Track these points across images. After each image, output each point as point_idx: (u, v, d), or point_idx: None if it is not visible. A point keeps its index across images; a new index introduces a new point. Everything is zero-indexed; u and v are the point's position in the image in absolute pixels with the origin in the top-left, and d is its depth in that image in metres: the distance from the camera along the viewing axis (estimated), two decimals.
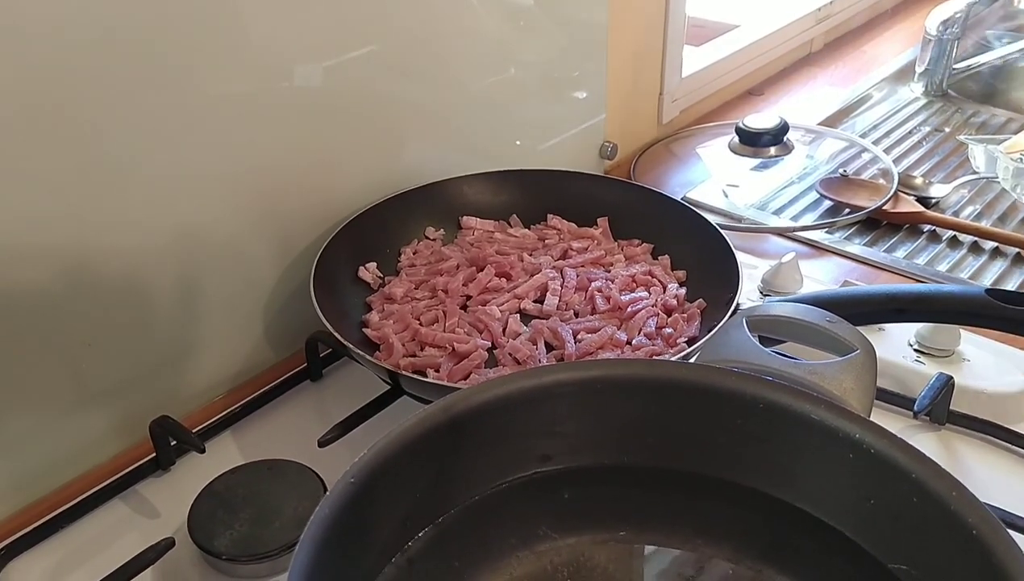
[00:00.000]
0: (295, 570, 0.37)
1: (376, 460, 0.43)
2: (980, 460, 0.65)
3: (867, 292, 0.62)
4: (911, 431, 0.67)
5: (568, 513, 0.50)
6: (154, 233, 0.64)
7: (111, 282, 0.63)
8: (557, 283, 0.72)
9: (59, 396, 0.63)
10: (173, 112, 0.62)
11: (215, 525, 0.58)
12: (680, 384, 0.48)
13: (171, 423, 0.64)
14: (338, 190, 0.76)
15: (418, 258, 0.76)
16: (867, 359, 0.49)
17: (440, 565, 0.46)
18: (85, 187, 0.59)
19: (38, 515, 0.61)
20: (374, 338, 0.68)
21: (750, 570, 0.47)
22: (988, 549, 0.39)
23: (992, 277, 0.87)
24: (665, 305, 0.70)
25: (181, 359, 0.69)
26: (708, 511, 0.50)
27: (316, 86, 0.71)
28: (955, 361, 0.71)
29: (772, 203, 0.99)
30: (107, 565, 0.55)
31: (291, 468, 0.62)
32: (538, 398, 0.49)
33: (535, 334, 0.67)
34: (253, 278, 0.73)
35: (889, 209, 0.95)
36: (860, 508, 0.45)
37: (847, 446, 0.45)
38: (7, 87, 0.54)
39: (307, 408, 0.71)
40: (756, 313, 0.53)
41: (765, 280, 0.81)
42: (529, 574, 0.47)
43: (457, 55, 0.82)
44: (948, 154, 1.10)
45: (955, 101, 1.23)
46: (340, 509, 0.41)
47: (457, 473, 0.48)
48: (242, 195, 0.69)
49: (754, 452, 0.48)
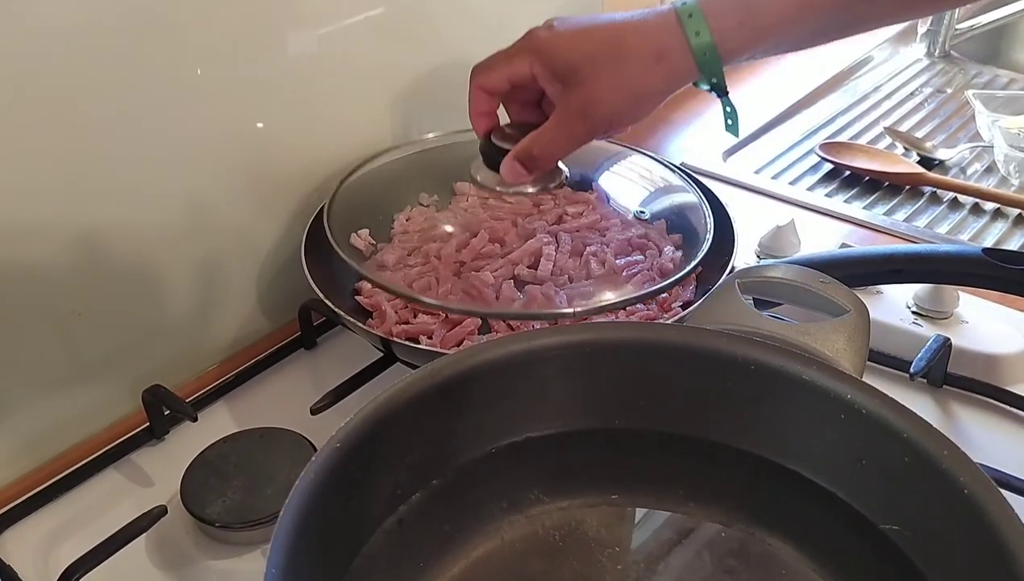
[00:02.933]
0: (279, 534, 0.37)
1: (363, 425, 0.43)
2: (977, 422, 0.65)
3: (863, 253, 0.62)
4: (908, 393, 0.67)
5: (559, 477, 0.49)
6: (145, 203, 0.64)
7: (103, 253, 0.62)
8: (551, 248, 0.71)
9: (52, 366, 0.63)
10: (163, 81, 0.62)
11: (208, 493, 0.58)
12: (670, 346, 0.48)
13: (164, 392, 0.64)
14: (330, 157, 0.75)
15: (411, 225, 0.76)
16: (860, 320, 0.49)
17: (431, 529, 0.46)
18: (75, 157, 0.59)
19: (33, 485, 0.61)
20: (367, 305, 0.68)
21: (742, 532, 0.47)
22: (980, 508, 0.39)
23: (993, 239, 0.86)
24: (660, 269, 0.70)
25: (174, 328, 0.69)
26: (699, 474, 0.50)
27: (310, 52, 0.70)
28: (953, 323, 0.70)
29: (771, 167, 0.98)
30: (101, 533, 0.55)
31: (284, 436, 0.62)
32: (528, 362, 0.48)
33: (529, 300, 0.67)
34: (246, 246, 0.72)
35: (889, 171, 0.94)
36: (852, 469, 0.45)
37: (838, 406, 0.44)
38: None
39: (301, 376, 0.71)
40: (748, 275, 0.52)
41: (763, 244, 0.80)
42: (520, 538, 0.47)
43: (452, 21, 0.81)
44: (950, 115, 1.08)
45: (958, 62, 1.21)
46: (326, 473, 0.41)
47: (447, 437, 0.48)
48: (234, 163, 0.69)
49: (746, 414, 0.48)
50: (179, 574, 0.56)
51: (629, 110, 0.56)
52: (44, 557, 0.57)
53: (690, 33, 0.53)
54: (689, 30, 0.53)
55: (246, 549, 0.57)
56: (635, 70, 0.54)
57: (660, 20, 0.54)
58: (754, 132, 1.03)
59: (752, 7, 0.52)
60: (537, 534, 0.47)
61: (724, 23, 0.52)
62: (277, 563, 0.36)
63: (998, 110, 1.01)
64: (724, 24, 0.52)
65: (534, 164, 0.57)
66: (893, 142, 1.01)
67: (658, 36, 0.53)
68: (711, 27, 0.52)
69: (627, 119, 0.57)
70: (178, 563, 0.57)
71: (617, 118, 0.56)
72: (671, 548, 0.47)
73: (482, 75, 0.58)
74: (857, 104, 1.10)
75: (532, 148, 0.57)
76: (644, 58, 0.54)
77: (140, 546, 0.57)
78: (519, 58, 0.56)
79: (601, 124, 0.56)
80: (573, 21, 0.56)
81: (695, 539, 0.47)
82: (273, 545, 0.37)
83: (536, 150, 0.57)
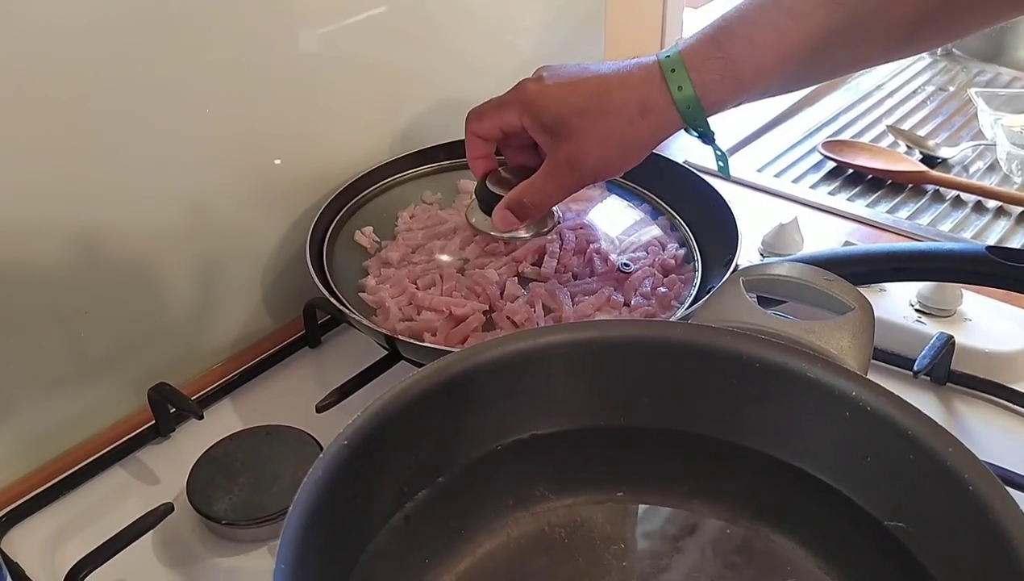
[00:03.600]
0: (288, 531, 0.37)
1: (370, 423, 0.43)
2: (981, 419, 0.65)
3: (866, 251, 0.62)
4: (912, 391, 0.67)
5: (565, 474, 0.50)
6: (148, 202, 0.64)
7: (108, 252, 0.63)
8: (555, 246, 0.71)
9: (58, 365, 0.63)
10: (168, 79, 0.62)
11: (214, 490, 0.58)
12: (675, 344, 0.48)
13: (170, 390, 0.64)
14: (335, 155, 0.76)
15: (415, 222, 0.76)
16: (864, 317, 0.49)
17: (437, 526, 0.47)
18: (77, 158, 0.59)
19: (39, 482, 0.62)
20: (371, 303, 0.68)
21: (747, 529, 0.47)
22: (985, 505, 0.39)
23: (996, 237, 0.87)
24: (663, 265, 0.70)
25: (178, 327, 0.69)
26: (704, 471, 0.50)
27: (313, 51, 0.70)
28: (957, 321, 0.70)
29: (773, 165, 0.98)
30: (107, 530, 0.56)
31: (290, 433, 0.62)
32: (533, 360, 0.48)
33: (533, 297, 0.67)
34: (250, 245, 0.72)
35: (892, 169, 0.94)
36: (857, 466, 0.45)
37: (843, 404, 0.44)
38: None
39: (305, 374, 0.71)
40: (752, 273, 0.52)
41: (766, 242, 0.80)
42: (526, 534, 0.47)
43: (454, 21, 0.81)
44: (953, 113, 1.08)
45: (960, 60, 1.21)
46: (334, 471, 0.41)
47: (453, 435, 0.48)
48: (238, 161, 0.69)
49: (750, 411, 0.48)
50: (185, 571, 0.56)
51: (616, 162, 0.58)
52: (51, 554, 0.57)
53: (673, 87, 0.54)
54: (672, 84, 0.54)
55: (252, 546, 0.57)
56: (620, 124, 0.55)
57: (644, 73, 0.55)
58: (757, 130, 1.03)
59: (732, 60, 0.53)
60: (543, 531, 0.48)
61: (706, 76, 0.53)
62: (286, 560, 0.36)
63: (1001, 108, 1.01)
64: (706, 77, 0.53)
65: (525, 213, 0.60)
66: (896, 140, 1.01)
67: (642, 90, 0.55)
68: (693, 81, 0.53)
69: (614, 170, 0.59)
70: (184, 560, 0.57)
71: (604, 169, 0.58)
72: (676, 545, 0.47)
73: (475, 122, 0.60)
74: (860, 102, 1.10)
75: (522, 197, 0.59)
76: (629, 112, 0.55)
77: (147, 543, 0.57)
78: (509, 109, 0.58)
79: (588, 175, 0.58)
80: (562, 73, 0.57)
81: (700, 536, 0.48)
82: (282, 542, 0.37)
83: (526, 199, 0.59)
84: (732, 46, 0.53)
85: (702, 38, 0.54)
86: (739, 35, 0.53)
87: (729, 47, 0.53)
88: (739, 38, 0.53)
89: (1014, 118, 0.97)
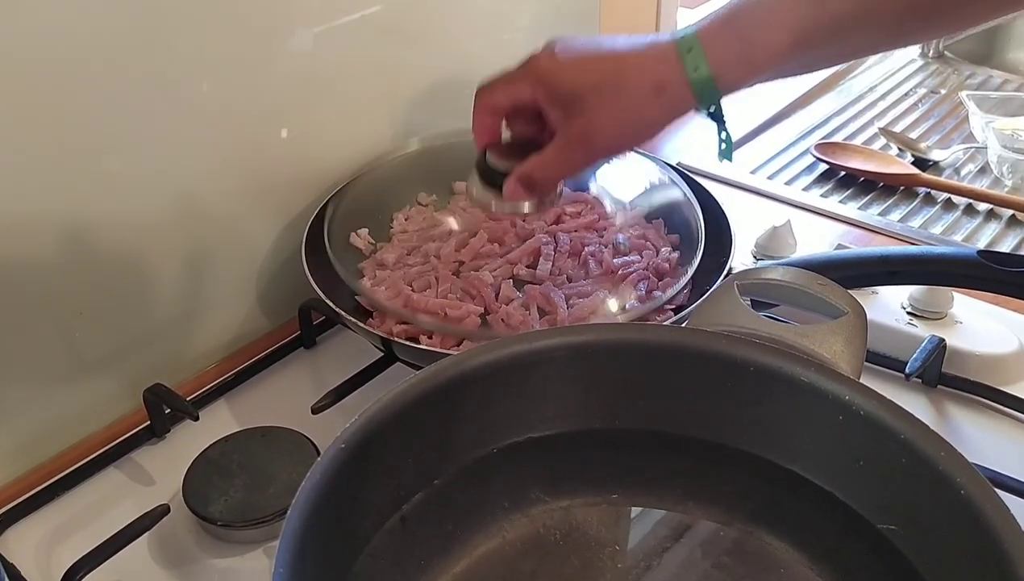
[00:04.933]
0: (286, 534, 0.38)
1: (367, 425, 0.43)
2: (972, 422, 0.66)
3: (859, 255, 0.63)
4: (903, 393, 0.67)
5: (560, 476, 0.50)
6: (145, 202, 0.64)
7: (102, 251, 0.63)
8: (550, 248, 0.72)
9: (53, 365, 0.63)
10: (162, 79, 0.62)
11: (210, 491, 0.58)
12: (670, 348, 0.48)
13: (165, 391, 0.64)
14: (330, 156, 0.76)
15: (410, 224, 0.76)
16: (857, 321, 0.49)
17: (433, 528, 0.47)
18: (75, 157, 0.59)
19: (34, 483, 0.62)
20: (366, 305, 0.68)
21: (740, 531, 0.48)
22: (977, 509, 0.40)
23: (987, 239, 0.87)
24: (657, 268, 0.70)
25: (175, 327, 0.69)
26: (699, 474, 0.50)
27: (308, 51, 0.70)
28: (948, 323, 0.71)
29: (766, 167, 0.98)
30: (103, 532, 0.56)
31: (285, 435, 0.62)
32: (529, 363, 0.49)
33: (528, 300, 0.67)
34: (246, 246, 0.72)
35: (884, 172, 0.94)
36: (850, 469, 0.45)
37: (836, 408, 0.45)
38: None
39: (301, 375, 0.71)
40: (746, 277, 0.53)
41: (759, 244, 0.80)
42: (522, 536, 0.48)
43: (450, 20, 0.81)
44: (944, 116, 1.09)
45: (952, 63, 1.22)
46: (331, 474, 0.41)
47: (449, 438, 0.48)
48: (233, 162, 0.69)
49: (744, 415, 0.48)
50: (181, 572, 0.56)
51: (628, 139, 0.58)
52: (47, 556, 0.57)
53: (689, 68, 0.54)
54: (688, 64, 0.54)
55: (248, 548, 0.57)
56: (635, 102, 0.55)
57: (660, 53, 0.55)
58: (750, 132, 1.03)
59: (749, 42, 0.53)
60: (538, 533, 0.48)
61: (723, 57, 0.53)
62: (284, 562, 0.37)
63: (992, 111, 1.01)
64: (723, 58, 0.53)
65: (535, 187, 0.59)
66: (888, 143, 1.02)
67: (658, 69, 0.55)
68: (710, 62, 0.53)
69: (626, 147, 0.59)
70: (180, 561, 0.57)
71: (616, 147, 0.58)
72: (670, 547, 0.48)
73: (486, 95, 0.60)
74: (852, 105, 1.11)
75: (533, 172, 0.59)
76: (644, 91, 0.55)
77: (143, 545, 0.57)
78: (521, 83, 0.58)
79: (600, 152, 0.58)
80: (575, 47, 0.57)
81: (694, 538, 0.48)
82: (280, 545, 0.37)
83: (537, 174, 0.59)
84: (748, 29, 0.53)
85: (717, 20, 0.54)
86: (755, 18, 0.53)
87: (745, 30, 0.53)
88: (755, 21, 0.53)
89: (1005, 121, 0.98)
